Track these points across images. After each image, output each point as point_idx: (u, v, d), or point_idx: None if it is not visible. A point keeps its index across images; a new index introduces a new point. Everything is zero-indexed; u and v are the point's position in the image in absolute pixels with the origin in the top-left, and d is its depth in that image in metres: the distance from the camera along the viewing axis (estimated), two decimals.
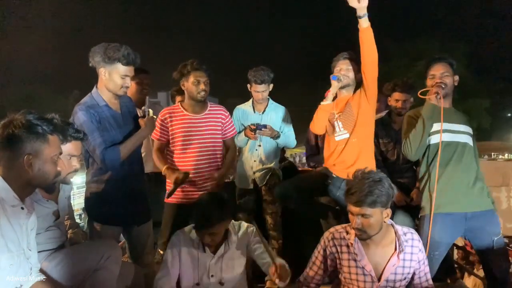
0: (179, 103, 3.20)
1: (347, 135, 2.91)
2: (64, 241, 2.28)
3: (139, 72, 3.56)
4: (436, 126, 2.62)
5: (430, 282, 2.22)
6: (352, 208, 2.00)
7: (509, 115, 27.74)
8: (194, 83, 2.95)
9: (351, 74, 2.95)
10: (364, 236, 2.03)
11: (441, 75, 2.62)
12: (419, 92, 2.67)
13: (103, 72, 2.47)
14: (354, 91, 2.99)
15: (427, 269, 2.20)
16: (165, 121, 3.04)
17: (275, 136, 3.49)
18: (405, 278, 2.12)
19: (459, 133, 2.64)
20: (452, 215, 2.53)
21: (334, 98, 2.98)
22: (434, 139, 2.64)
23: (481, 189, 2.61)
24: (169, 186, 3.03)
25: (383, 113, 3.80)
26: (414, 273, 2.15)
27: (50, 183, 1.83)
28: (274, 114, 3.59)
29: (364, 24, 2.54)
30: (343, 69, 2.94)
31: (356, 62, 2.91)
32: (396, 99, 3.42)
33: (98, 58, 2.44)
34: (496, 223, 2.60)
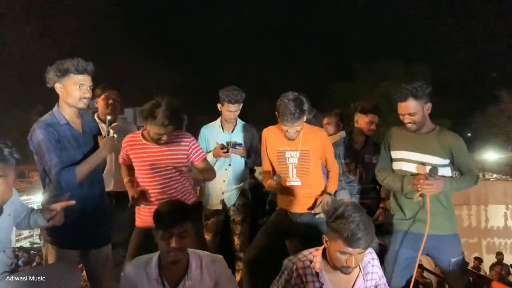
0: (140, 131, 2.90)
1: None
2: (11, 265, 2.12)
3: (107, 88, 3.52)
4: (398, 154, 2.72)
5: None
6: (350, 250, 1.91)
7: (469, 135, 28.81)
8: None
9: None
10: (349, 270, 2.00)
11: (409, 116, 2.62)
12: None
13: (59, 88, 2.43)
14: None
15: (385, 280, 2.25)
16: (125, 149, 2.79)
17: (246, 155, 3.46)
18: None
19: (422, 164, 2.64)
20: (413, 233, 2.66)
21: None
22: (395, 166, 2.73)
23: (447, 216, 2.69)
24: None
25: (340, 134, 3.80)
26: (376, 286, 2.18)
27: None
28: (243, 133, 3.57)
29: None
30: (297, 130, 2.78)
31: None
32: (359, 120, 3.44)
33: (51, 74, 2.42)
34: (457, 245, 2.69)
